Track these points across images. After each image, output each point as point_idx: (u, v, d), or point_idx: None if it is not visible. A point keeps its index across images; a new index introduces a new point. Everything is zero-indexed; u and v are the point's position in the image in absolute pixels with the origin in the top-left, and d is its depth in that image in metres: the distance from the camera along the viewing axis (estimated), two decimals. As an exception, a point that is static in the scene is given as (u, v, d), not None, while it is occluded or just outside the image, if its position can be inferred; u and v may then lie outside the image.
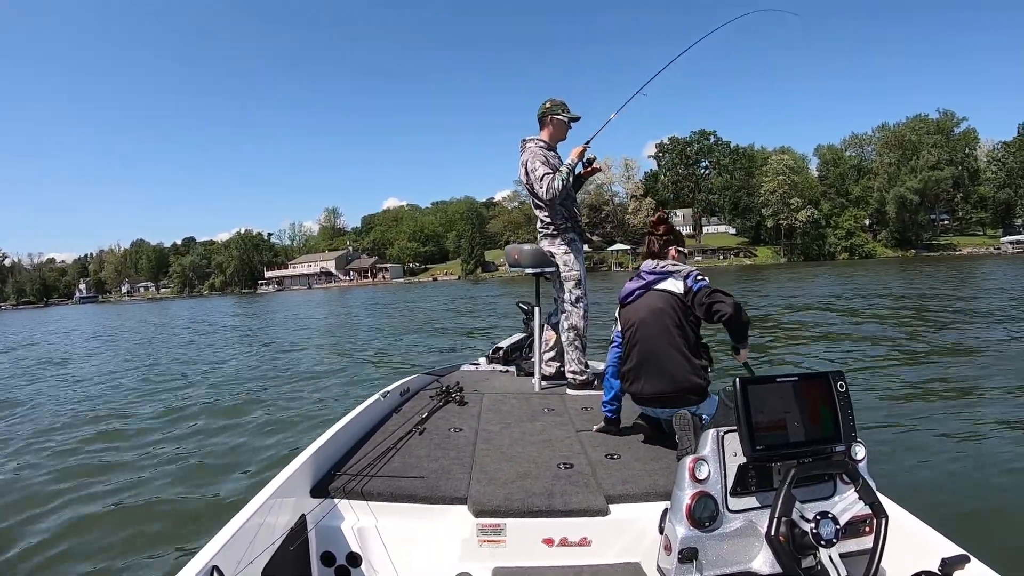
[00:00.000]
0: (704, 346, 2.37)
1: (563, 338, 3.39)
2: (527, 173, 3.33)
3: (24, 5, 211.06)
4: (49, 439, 5.89)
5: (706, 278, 2.31)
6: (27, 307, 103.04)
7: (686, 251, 2.53)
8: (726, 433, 1.53)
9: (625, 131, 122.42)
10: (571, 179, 3.30)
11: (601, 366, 3.81)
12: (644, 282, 2.41)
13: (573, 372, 3.34)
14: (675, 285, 2.33)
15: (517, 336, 4.49)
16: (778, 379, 1.52)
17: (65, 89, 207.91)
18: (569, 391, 3.32)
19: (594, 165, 3.47)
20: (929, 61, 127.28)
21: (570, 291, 3.35)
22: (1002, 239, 61.53)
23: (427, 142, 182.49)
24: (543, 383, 3.44)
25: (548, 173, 3.23)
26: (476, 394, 3.26)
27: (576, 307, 3.36)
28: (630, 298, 2.45)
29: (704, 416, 2.19)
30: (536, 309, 3.51)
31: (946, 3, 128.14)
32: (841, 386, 1.54)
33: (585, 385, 3.31)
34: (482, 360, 4.24)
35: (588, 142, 3.38)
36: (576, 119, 3.43)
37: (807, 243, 66.43)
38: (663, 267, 2.40)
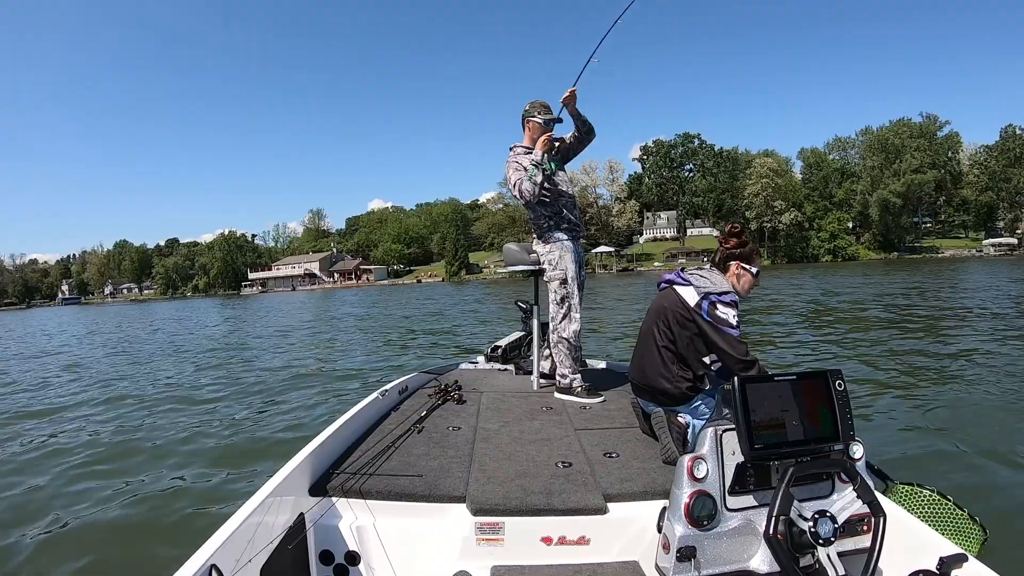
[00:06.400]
0: (695, 366, 2.27)
1: (550, 339, 3.30)
2: (508, 182, 3.32)
3: (8, 7, 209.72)
4: (44, 439, 5.82)
5: (726, 314, 2.16)
6: (9, 308, 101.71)
7: (753, 269, 2.36)
8: (724, 432, 1.52)
9: (610, 133, 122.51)
10: (540, 174, 3.13)
11: (601, 365, 3.91)
12: (671, 280, 2.40)
13: (560, 375, 3.23)
14: (689, 295, 2.25)
15: (515, 335, 4.43)
16: (776, 378, 1.52)
17: (48, 91, 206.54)
18: (556, 394, 3.19)
19: (559, 143, 3.33)
20: (913, 65, 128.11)
21: (554, 291, 3.24)
22: (984, 241, 61.69)
23: (413, 144, 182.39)
24: (541, 382, 3.41)
25: (520, 179, 3.17)
26: (475, 393, 3.24)
27: (560, 307, 3.23)
28: (658, 289, 2.50)
29: (688, 419, 2.24)
30: (534, 308, 3.49)
31: (930, 6, 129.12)
32: (840, 385, 1.54)
33: (565, 391, 3.16)
34: (480, 359, 4.20)
35: (551, 128, 3.26)
36: (558, 121, 3.29)
37: (791, 245, 66.49)
38: (694, 274, 2.35)
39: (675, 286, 2.32)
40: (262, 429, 5.59)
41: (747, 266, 2.34)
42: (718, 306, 2.16)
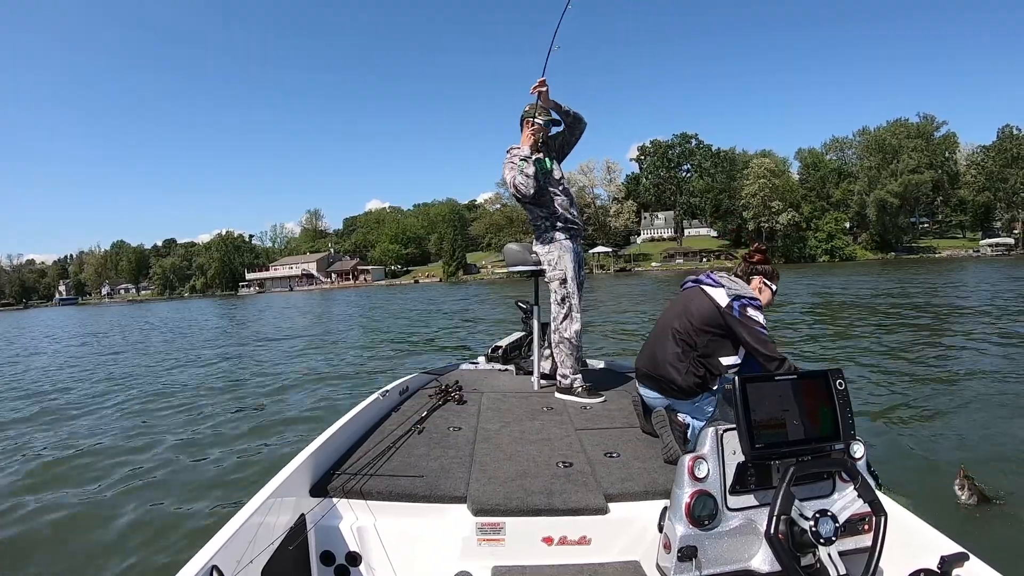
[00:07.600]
0: (711, 365, 2.25)
1: (552, 339, 3.30)
2: (504, 183, 3.34)
3: (8, 7, 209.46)
4: (44, 438, 5.88)
5: (756, 316, 2.18)
6: (6, 309, 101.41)
7: (773, 287, 2.43)
8: (725, 431, 1.52)
9: (608, 134, 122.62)
10: (531, 165, 3.12)
11: (601, 365, 3.91)
12: (699, 280, 2.41)
13: (561, 375, 3.24)
14: (720, 296, 2.26)
15: (516, 335, 4.44)
16: (777, 377, 1.54)
17: (48, 91, 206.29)
18: (557, 394, 3.19)
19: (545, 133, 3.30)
20: (911, 65, 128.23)
21: (554, 291, 3.25)
22: (981, 242, 61.78)
23: (411, 144, 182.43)
24: (542, 382, 3.41)
25: (515, 175, 3.17)
26: (475, 393, 3.25)
27: (561, 307, 3.23)
28: (682, 287, 2.52)
29: (688, 418, 2.24)
30: (535, 308, 3.50)
31: (930, 6, 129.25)
32: (840, 384, 1.54)
33: (565, 391, 3.17)
34: (481, 359, 4.21)
35: (533, 125, 3.22)
36: (555, 122, 3.28)
37: (788, 246, 66.45)
38: (724, 277, 2.37)
39: (704, 286, 2.34)
40: (260, 429, 5.59)
41: (768, 282, 2.42)
42: (748, 309, 2.22)
